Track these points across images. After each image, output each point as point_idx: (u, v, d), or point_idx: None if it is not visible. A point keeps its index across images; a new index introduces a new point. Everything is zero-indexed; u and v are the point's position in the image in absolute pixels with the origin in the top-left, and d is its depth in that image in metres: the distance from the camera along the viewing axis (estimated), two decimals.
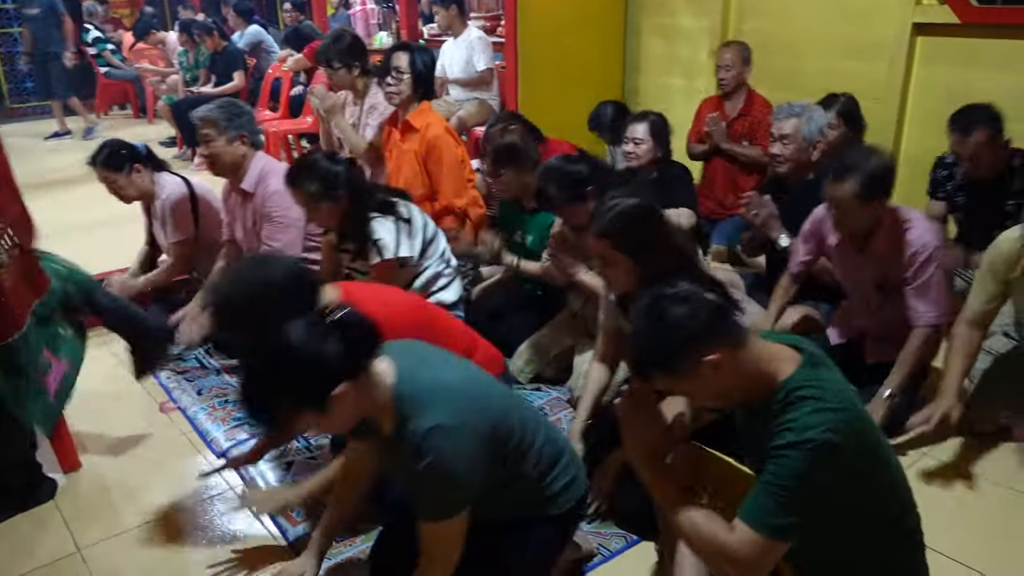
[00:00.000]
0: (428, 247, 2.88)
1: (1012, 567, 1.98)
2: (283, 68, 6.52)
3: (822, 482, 1.37)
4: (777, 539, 1.38)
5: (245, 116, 3.04)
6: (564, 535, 1.86)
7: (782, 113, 3.03)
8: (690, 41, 4.61)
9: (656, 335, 1.44)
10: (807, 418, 1.36)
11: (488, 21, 6.03)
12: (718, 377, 1.42)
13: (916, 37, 3.62)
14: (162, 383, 3.04)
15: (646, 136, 3.33)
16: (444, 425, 1.49)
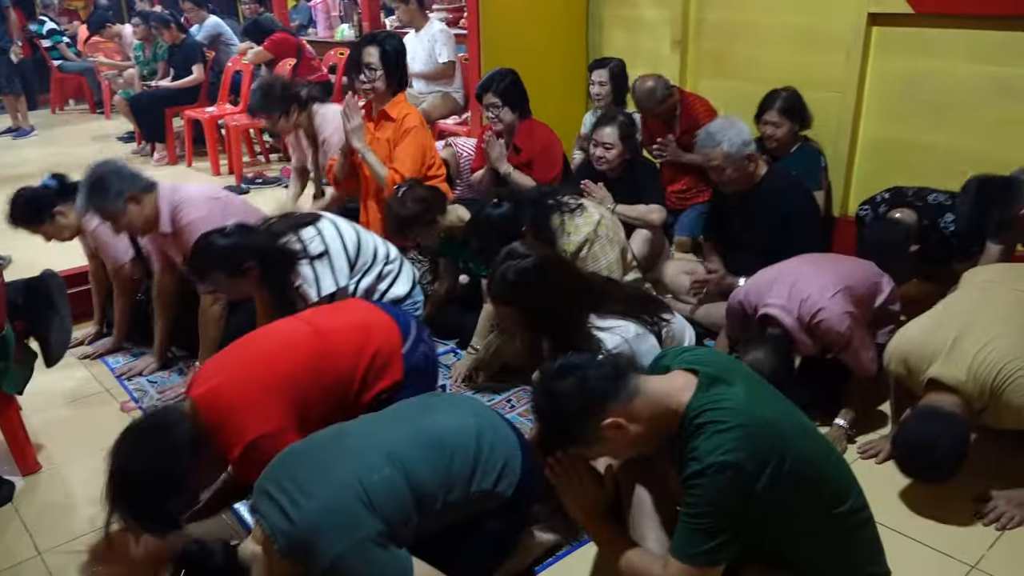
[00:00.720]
0: (357, 259, 2.78)
1: (962, 543, 2.04)
2: (243, 61, 6.42)
3: (736, 501, 1.42)
4: (707, 565, 1.44)
5: (116, 180, 2.68)
6: (514, 522, 1.86)
7: (705, 145, 2.98)
8: (652, 32, 4.62)
9: (552, 414, 1.56)
10: (705, 443, 1.43)
11: (451, 13, 6.01)
12: (622, 433, 1.50)
13: (871, 27, 3.67)
14: (123, 383, 2.99)
15: (615, 140, 3.29)
16: (338, 559, 1.52)
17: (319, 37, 7.38)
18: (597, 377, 1.51)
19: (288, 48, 6.17)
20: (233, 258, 2.48)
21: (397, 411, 1.89)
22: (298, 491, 1.58)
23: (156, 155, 6.46)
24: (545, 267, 2.14)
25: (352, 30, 6.99)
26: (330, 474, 1.62)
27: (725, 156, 2.92)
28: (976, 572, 1.94)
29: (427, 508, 1.65)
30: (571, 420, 1.51)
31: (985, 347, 2.03)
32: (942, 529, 2.07)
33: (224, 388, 1.92)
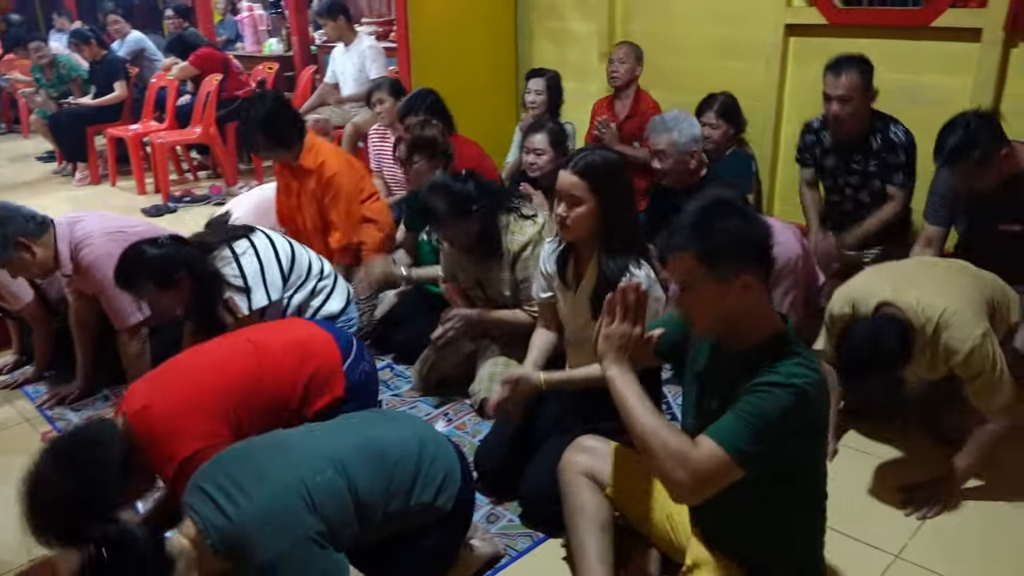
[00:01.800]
0: (289, 275, 2.73)
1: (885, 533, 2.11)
2: (168, 77, 6.27)
3: (792, 425, 1.45)
4: (739, 464, 1.43)
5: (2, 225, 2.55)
6: (453, 534, 1.87)
7: (656, 130, 3.06)
8: (580, 44, 4.70)
9: (721, 228, 1.47)
10: (794, 368, 1.45)
11: (380, 26, 6.01)
12: (739, 298, 1.48)
13: (788, 38, 3.81)
14: (44, 412, 2.88)
15: (546, 146, 3.33)
16: (277, 557, 1.50)
17: (247, 52, 7.28)
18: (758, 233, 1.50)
19: (214, 63, 6.06)
20: (163, 268, 2.40)
21: (339, 422, 1.89)
22: (236, 489, 1.55)
23: (78, 175, 6.25)
24: (625, 169, 2.20)
25: (280, 44, 6.93)
26: (271, 474, 1.59)
27: (671, 144, 2.99)
28: (899, 562, 2.02)
29: (368, 517, 1.64)
30: (733, 247, 1.46)
31: (928, 293, 2.13)
32: (865, 520, 2.14)
33: (156, 406, 1.89)
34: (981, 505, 2.22)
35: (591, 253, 2.20)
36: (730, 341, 1.57)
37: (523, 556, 2.08)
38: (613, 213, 2.12)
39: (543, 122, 3.51)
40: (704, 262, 1.47)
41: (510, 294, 2.68)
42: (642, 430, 1.47)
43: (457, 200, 2.58)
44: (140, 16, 9.49)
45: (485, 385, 2.65)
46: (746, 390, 1.46)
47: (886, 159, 3.05)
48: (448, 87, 4.53)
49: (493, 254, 2.67)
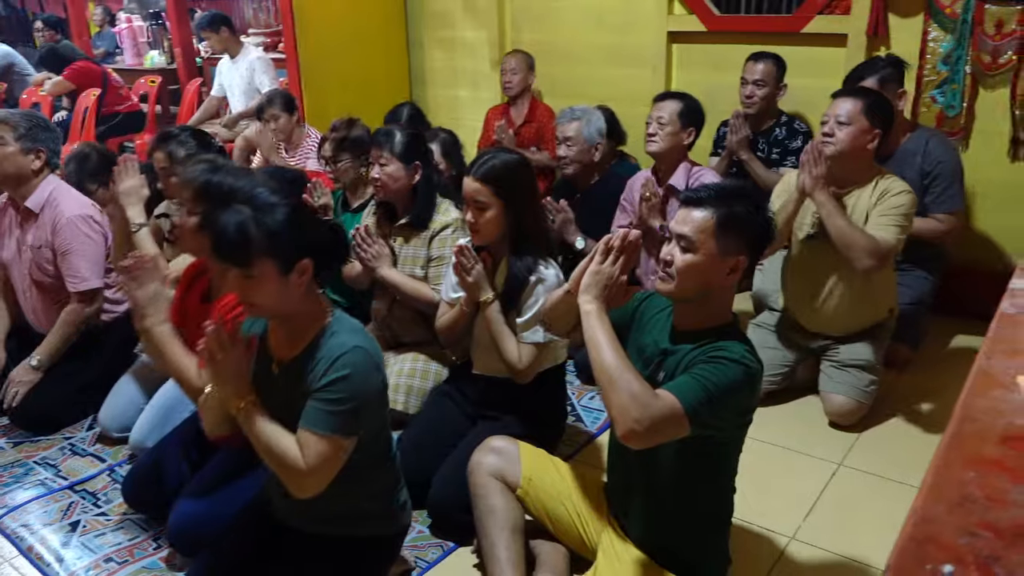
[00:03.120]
0: None
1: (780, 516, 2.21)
2: (41, 92, 5.95)
3: (736, 400, 1.56)
4: (689, 421, 1.49)
5: (49, 133, 2.81)
6: (393, 554, 1.92)
7: (564, 117, 3.26)
8: (472, 53, 4.73)
9: (745, 208, 1.61)
10: (745, 352, 1.58)
11: (268, 37, 5.87)
12: (725, 276, 1.62)
13: (672, 44, 3.95)
14: None
15: (438, 158, 3.32)
16: (369, 351, 1.62)
17: (127, 65, 6.97)
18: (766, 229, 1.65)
19: (92, 77, 5.78)
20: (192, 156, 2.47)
21: None
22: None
23: None
24: (532, 174, 2.26)
25: (162, 56, 6.67)
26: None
27: (578, 132, 3.19)
28: (795, 543, 2.12)
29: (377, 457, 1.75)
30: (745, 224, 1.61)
31: None
32: (761, 505, 2.22)
33: None
34: (867, 483, 2.36)
35: (502, 254, 2.23)
36: (687, 318, 1.67)
37: (434, 567, 2.07)
38: (519, 214, 2.17)
39: (435, 131, 3.49)
40: (719, 227, 1.60)
41: (422, 272, 2.66)
42: (610, 366, 1.51)
43: (412, 142, 2.64)
44: (7, 29, 8.95)
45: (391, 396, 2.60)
46: (701, 359, 1.56)
47: (788, 145, 3.42)
48: (341, 96, 4.50)
49: (419, 223, 2.66)
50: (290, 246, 1.57)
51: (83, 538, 2.22)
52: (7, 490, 2.45)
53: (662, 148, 2.94)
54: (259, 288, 1.57)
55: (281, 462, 1.59)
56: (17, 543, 2.21)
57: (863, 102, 2.46)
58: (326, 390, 1.57)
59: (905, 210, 2.44)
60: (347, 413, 1.57)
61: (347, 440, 1.60)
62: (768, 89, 3.41)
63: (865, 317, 2.66)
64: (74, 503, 2.37)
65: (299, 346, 1.65)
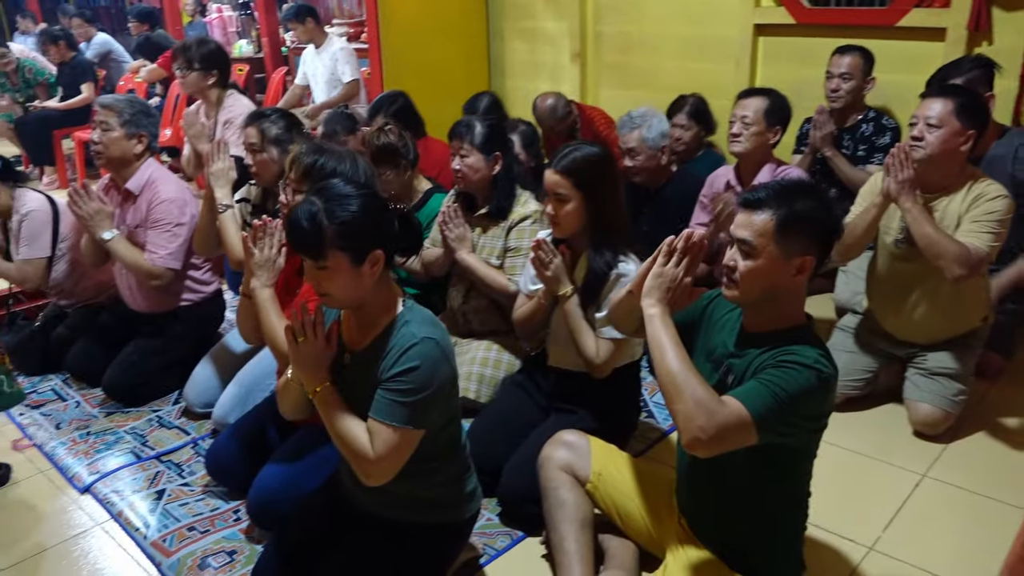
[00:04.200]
0: None
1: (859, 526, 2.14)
2: (136, 79, 6.20)
3: (808, 407, 1.51)
4: (757, 429, 1.45)
5: (150, 118, 2.94)
6: (463, 541, 1.91)
7: (624, 127, 3.13)
8: (553, 44, 4.71)
9: (805, 206, 1.54)
10: (818, 356, 1.51)
11: (351, 27, 5.96)
12: (792, 277, 1.55)
13: (758, 37, 3.86)
14: (15, 420, 2.83)
15: (518, 149, 3.31)
16: (438, 340, 1.62)
17: None
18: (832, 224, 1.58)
19: None
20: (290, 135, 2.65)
21: None
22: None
23: (45, 179, 6.15)
24: (614, 167, 2.21)
25: (250, 46, 6.86)
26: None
27: (640, 140, 3.07)
28: (874, 554, 2.05)
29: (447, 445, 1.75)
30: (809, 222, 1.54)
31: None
32: (839, 514, 2.16)
33: None
34: (952, 497, 2.26)
35: (582, 248, 2.21)
36: (757, 320, 1.62)
37: (502, 555, 2.08)
38: (600, 207, 2.14)
39: (514, 123, 3.50)
40: (780, 229, 1.53)
41: (498, 263, 2.67)
42: (674, 372, 1.49)
43: (492, 132, 2.63)
44: (106, 18, 9.36)
45: (463, 384, 2.65)
46: (771, 364, 1.51)
47: (875, 142, 3.28)
48: (421, 87, 4.53)
49: (499, 214, 2.67)
50: (362, 238, 1.58)
51: (168, 506, 2.31)
52: (99, 456, 2.57)
53: (747, 148, 2.85)
54: (332, 279, 1.59)
55: (351, 449, 1.62)
56: (108, 508, 2.33)
57: (955, 102, 2.32)
58: (396, 380, 1.58)
59: (1000, 216, 2.31)
60: (416, 404, 1.59)
61: (415, 431, 1.61)
62: (854, 83, 3.28)
63: (955, 325, 2.54)
64: (160, 472, 2.47)
65: (371, 335, 1.67)
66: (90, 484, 2.43)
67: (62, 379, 3.08)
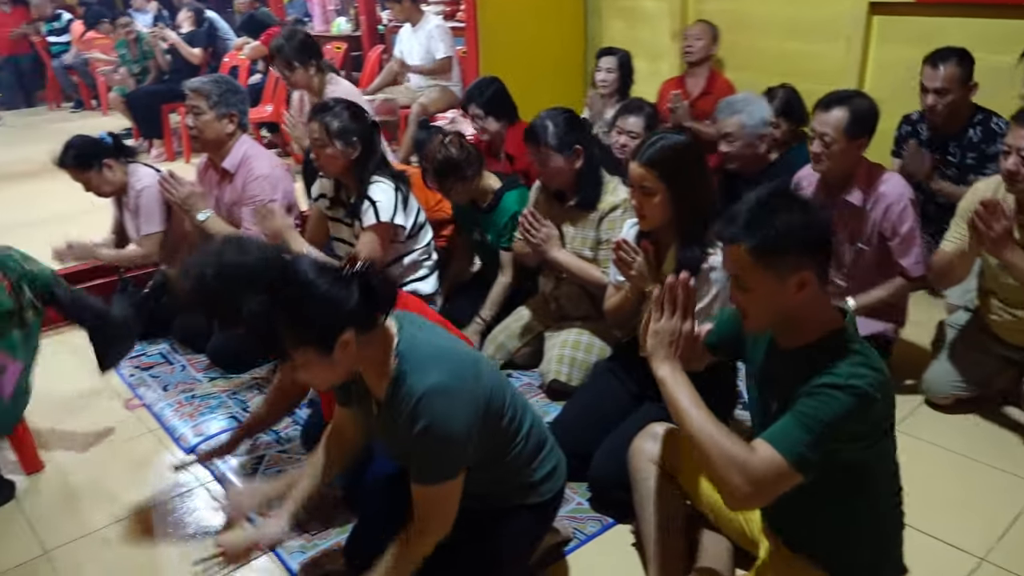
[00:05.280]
0: (418, 232, 2.89)
1: (970, 534, 2.03)
2: (240, 56, 6.39)
3: (853, 428, 1.40)
4: (797, 469, 1.39)
5: (238, 95, 3.00)
6: (545, 523, 1.88)
7: (723, 112, 3.01)
8: (651, 23, 4.61)
9: (780, 222, 1.41)
10: (855, 368, 1.40)
11: (447, 6, 5.99)
12: (796, 294, 1.44)
13: (872, 16, 3.66)
14: (126, 380, 2.99)
15: (641, 130, 3.23)
16: (441, 385, 1.50)
17: (315, 32, 7.34)
18: (819, 228, 1.45)
19: None
20: (353, 126, 2.67)
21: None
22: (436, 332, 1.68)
23: (154, 151, 6.43)
24: (700, 154, 2.11)
25: (348, 24, 6.98)
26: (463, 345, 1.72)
27: (739, 126, 2.95)
28: (986, 565, 1.94)
29: (501, 450, 1.68)
30: (788, 240, 1.40)
31: None
32: (948, 520, 2.06)
33: None
34: None
35: (669, 240, 2.15)
36: (785, 337, 1.53)
37: (591, 540, 2.07)
38: (687, 199, 2.06)
39: (639, 103, 3.40)
40: (759, 258, 1.41)
41: (591, 254, 2.63)
42: (696, 433, 1.44)
43: (566, 127, 2.57)
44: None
45: (554, 367, 2.64)
46: (805, 391, 1.41)
47: (985, 151, 2.97)
48: (516, 66, 4.52)
49: (587, 205, 2.63)
50: (323, 331, 1.46)
51: (267, 471, 2.40)
52: (203, 419, 2.69)
53: (829, 168, 2.53)
54: (308, 371, 1.52)
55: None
56: (212, 469, 2.42)
57: None
58: (416, 443, 1.51)
59: None
60: (444, 459, 1.54)
61: (457, 477, 1.57)
62: (952, 96, 2.95)
63: None
64: (259, 438, 2.56)
65: (383, 387, 1.58)
66: (195, 445, 2.54)
67: (169, 343, 3.22)
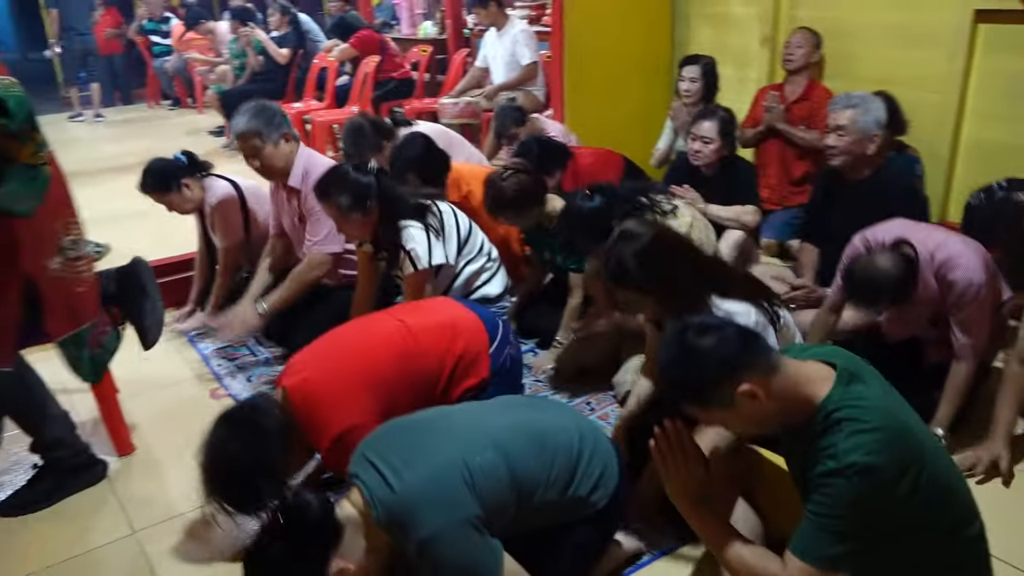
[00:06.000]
0: (464, 245, 2.87)
1: None
2: (329, 58, 6.55)
3: (870, 506, 1.35)
4: (830, 570, 1.37)
5: (278, 115, 2.98)
6: (604, 532, 1.85)
7: (838, 104, 2.96)
8: (740, 29, 4.51)
9: (685, 368, 1.44)
10: (846, 442, 1.35)
11: (533, 10, 6.00)
12: (754, 406, 1.41)
13: (978, 24, 3.49)
14: (213, 370, 3.10)
15: (715, 135, 3.22)
16: (435, 535, 1.51)
17: (402, 34, 7.48)
18: (740, 338, 1.43)
19: (372, 45, 6.27)
20: (363, 192, 2.61)
21: (500, 402, 1.90)
22: (401, 462, 1.58)
23: None
24: (663, 244, 2.04)
25: (435, 27, 7.07)
26: (434, 450, 1.62)
27: (852, 121, 2.87)
28: None
29: (524, 503, 1.63)
30: (707, 379, 1.41)
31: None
32: None
33: (314, 380, 1.97)
34: None
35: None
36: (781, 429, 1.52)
37: (665, 555, 2.03)
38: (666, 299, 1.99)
39: (713, 108, 3.37)
40: (700, 405, 1.47)
41: None
42: (730, 561, 1.49)
43: (593, 225, 2.50)
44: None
45: (631, 377, 2.61)
46: (811, 484, 1.40)
47: None
48: (601, 71, 4.50)
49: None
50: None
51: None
52: None
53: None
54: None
55: None
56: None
57: None
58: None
59: None
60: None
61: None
62: None
63: None
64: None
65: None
66: None
67: (254, 336, 3.30)
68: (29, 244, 2.09)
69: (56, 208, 2.15)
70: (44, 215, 2.08)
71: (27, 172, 1.97)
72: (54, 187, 2.10)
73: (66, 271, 2.18)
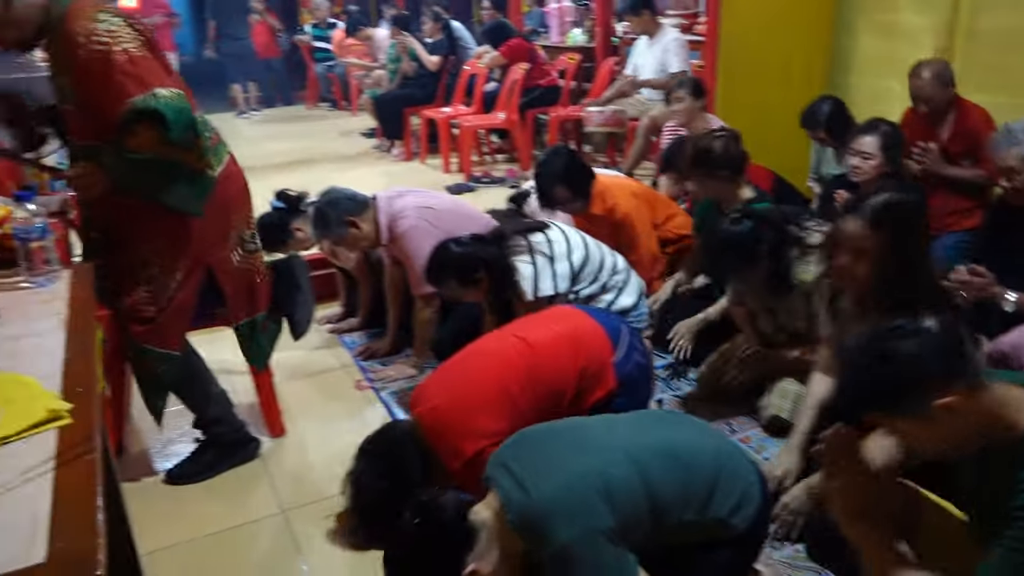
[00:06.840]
0: (583, 268, 2.80)
1: None
2: (479, 64, 6.70)
3: None
4: None
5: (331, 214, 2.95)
6: (745, 557, 1.78)
7: (1003, 145, 2.63)
8: (911, 40, 4.24)
9: (882, 373, 1.33)
10: None
11: (685, 19, 5.89)
12: (951, 420, 1.30)
13: None
14: (359, 363, 3.23)
15: (876, 150, 3.02)
16: (568, 543, 1.49)
17: (551, 42, 7.53)
18: (948, 346, 1.32)
19: (522, 53, 6.35)
20: (466, 268, 2.67)
21: (638, 417, 1.89)
22: (538, 469, 1.59)
23: (395, 151, 6.91)
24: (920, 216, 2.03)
25: (584, 35, 7.08)
26: (570, 460, 1.61)
27: (1021, 160, 2.59)
28: None
29: (660, 521, 1.60)
30: (906, 385, 1.31)
31: None
32: None
33: (442, 408, 2.05)
34: None
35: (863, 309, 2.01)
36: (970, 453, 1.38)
37: None
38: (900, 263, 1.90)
39: (875, 122, 3.15)
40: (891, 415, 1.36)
41: (804, 324, 2.47)
42: None
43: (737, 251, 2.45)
44: (454, 5, 10.23)
45: (777, 401, 2.50)
46: (1009, 514, 1.27)
47: None
48: (754, 81, 4.37)
49: (783, 291, 2.50)
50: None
51: None
52: None
53: None
54: None
55: None
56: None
57: None
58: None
59: None
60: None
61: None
62: None
63: None
64: None
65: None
66: None
67: None
68: (211, 239, 2.26)
69: (237, 204, 2.31)
70: (226, 211, 2.25)
71: (192, 176, 2.13)
72: (234, 184, 2.26)
73: (246, 263, 2.35)
